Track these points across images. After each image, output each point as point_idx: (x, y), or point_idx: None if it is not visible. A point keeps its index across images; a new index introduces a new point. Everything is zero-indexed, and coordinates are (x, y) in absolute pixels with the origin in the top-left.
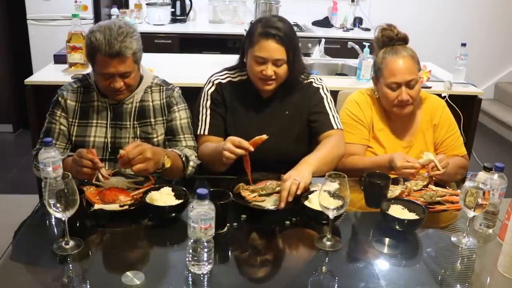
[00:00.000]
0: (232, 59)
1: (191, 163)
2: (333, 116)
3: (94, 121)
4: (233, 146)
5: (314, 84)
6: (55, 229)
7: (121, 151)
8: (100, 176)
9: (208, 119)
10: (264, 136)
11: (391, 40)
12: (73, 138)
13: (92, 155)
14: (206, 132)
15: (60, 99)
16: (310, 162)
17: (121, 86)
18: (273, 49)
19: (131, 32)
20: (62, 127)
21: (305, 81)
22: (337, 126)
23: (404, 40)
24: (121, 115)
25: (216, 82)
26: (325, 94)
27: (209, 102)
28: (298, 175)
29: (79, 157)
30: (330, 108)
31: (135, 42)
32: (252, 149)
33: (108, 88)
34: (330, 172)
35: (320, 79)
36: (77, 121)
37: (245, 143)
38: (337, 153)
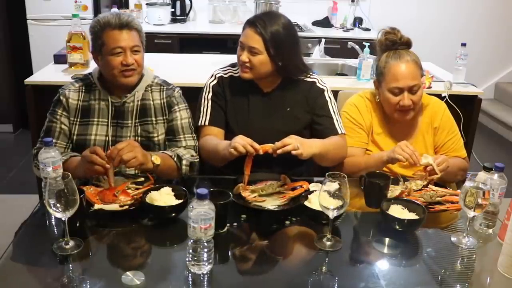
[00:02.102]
0: (232, 59)
1: (184, 162)
2: (336, 120)
3: (95, 119)
4: (246, 143)
5: (318, 85)
6: (55, 229)
7: (108, 151)
8: (103, 177)
9: (209, 110)
10: (273, 149)
11: (394, 44)
12: (74, 137)
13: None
14: (207, 123)
15: (61, 98)
16: (317, 144)
17: (133, 62)
18: (249, 36)
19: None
20: (63, 126)
21: (307, 79)
22: (341, 131)
23: (407, 44)
24: (123, 113)
25: (218, 76)
26: (329, 97)
27: (210, 94)
28: (303, 145)
29: (92, 152)
30: (334, 112)
31: (139, 24)
32: (261, 152)
33: (119, 68)
34: (329, 171)
35: (322, 81)
36: (78, 119)
37: (256, 145)
38: (340, 153)
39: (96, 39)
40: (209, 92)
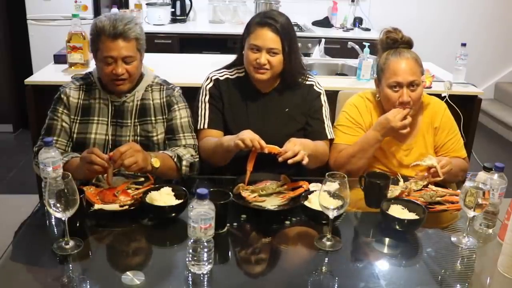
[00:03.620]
0: (232, 59)
1: (184, 163)
2: (327, 125)
3: (95, 118)
4: (255, 138)
5: (315, 88)
6: (55, 229)
7: (111, 153)
8: (103, 177)
9: (207, 113)
10: (279, 150)
11: (395, 42)
12: (74, 136)
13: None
14: (206, 126)
15: (62, 96)
16: (311, 146)
17: (123, 72)
18: (268, 37)
19: (135, 19)
20: (64, 124)
21: (305, 82)
22: (329, 136)
23: (408, 43)
24: (123, 113)
25: (214, 78)
26: (324, 101)
27: (207, 97)
28: (305, 149)
29: (89, 152)
30: (326, 116)
31: (138, 28)
32: (266, 151)
33: (110, 76)
34: (330, 171)
35: (319, 84)
36: (78, 118)
37: (263, 142)
38: (323, 159)
39: (93, 43)
40: (205, 95)
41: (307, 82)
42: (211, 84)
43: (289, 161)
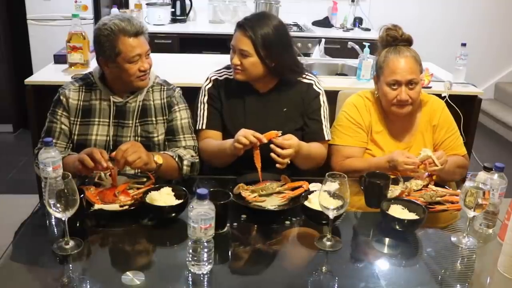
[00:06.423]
0: None
1: (185, 162)
2: (325, 126)
3: (96, 119)
4: (248, 133)
5: (315, 87)
6: (55, 229)
7: (113, 153)
8: (103, 175)
9: (206, 113)
10: (279, 133)
11: (395, 40)
12: (75, 137)
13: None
14: (204, 127)
15: (62, 97)
16: (304, 148)
17: (148, 66)
18: (238, 38)
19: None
20: (63, 126)
21: (304, 81)
22: (327, 137)
23: (408, 41)
24: (124, 113)
25: (213, 78)
26: (323, 101)
27: (206, 98)
28: (300, 151)
29: (88, 154)
30: (324, 117)
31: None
32: (265, 140)
33: (136, 74)
34: (330, 171)
35: (319, 84)
36: (79, 119)
37: (258, 134)
38: (318, 161)
39: (111, 47)
40: (204, 95)
41: (306, 81)
42: (210, 85)
43: (278, 166)
